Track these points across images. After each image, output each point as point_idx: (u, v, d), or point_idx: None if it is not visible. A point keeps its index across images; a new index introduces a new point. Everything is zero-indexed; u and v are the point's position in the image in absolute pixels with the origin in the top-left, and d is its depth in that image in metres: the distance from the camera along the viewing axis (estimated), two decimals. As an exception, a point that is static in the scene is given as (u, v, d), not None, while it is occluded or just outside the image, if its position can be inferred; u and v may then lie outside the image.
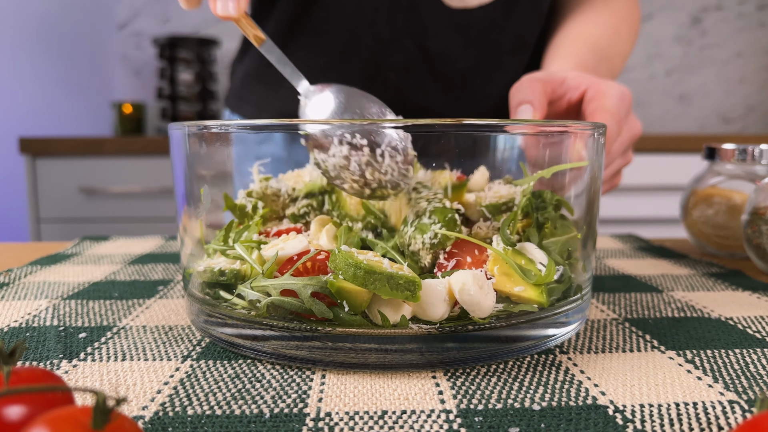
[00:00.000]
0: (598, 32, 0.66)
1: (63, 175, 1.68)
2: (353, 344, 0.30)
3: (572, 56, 0.62)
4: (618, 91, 0.48)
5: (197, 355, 0.33)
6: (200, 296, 0.36)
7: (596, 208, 0.37)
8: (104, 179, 1.69)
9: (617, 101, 0.47)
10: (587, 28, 0.67)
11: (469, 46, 0.70)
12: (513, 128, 0.34)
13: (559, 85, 0.50)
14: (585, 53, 0.63)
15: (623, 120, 0.48)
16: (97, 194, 1.69)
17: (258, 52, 0.77)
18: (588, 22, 0.67)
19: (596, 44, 0.64)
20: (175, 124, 0.36)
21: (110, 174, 1.69)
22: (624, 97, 0.49)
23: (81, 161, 1.68)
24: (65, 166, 1.68)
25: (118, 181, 1.69)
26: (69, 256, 0.60)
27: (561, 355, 0.34)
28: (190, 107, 2.01)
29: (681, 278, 0.52)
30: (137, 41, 2.20)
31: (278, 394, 0.29)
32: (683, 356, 0.34)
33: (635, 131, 0.52)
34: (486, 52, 0.71)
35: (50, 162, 1.68)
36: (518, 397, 0.28)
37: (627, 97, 0.49)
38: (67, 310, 0.42)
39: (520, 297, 0.32)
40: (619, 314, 0.42)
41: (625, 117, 0.50)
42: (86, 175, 1.69)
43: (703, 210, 0.60)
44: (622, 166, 0.54)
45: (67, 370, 0.31)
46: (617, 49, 0.67)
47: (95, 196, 1.70)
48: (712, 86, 2.27)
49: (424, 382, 0.30)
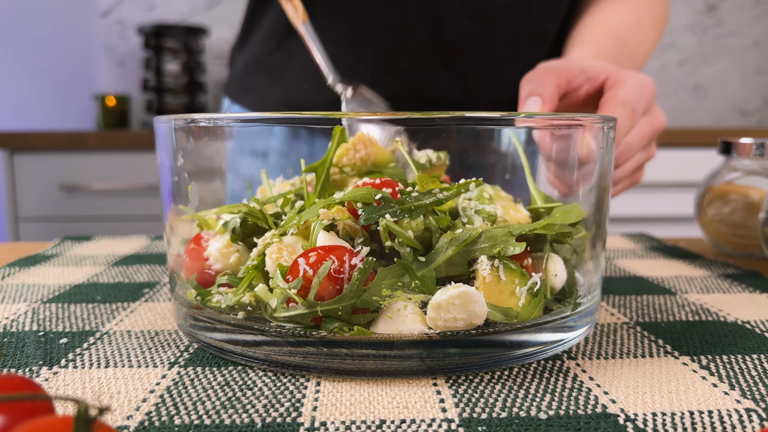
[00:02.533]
0: (620, 20, 0.66)
1: (42, 171, 1.68)
2: (349, 350, 0.30)
3: (592, 43, 0.63)
4: (637, 82, 0.48)
5: (185, 362, 0.33)
6: (187, 299, 0.36)
7: (606, 206, 0.37)
8: (86, 176, 1.69)
9: (633, 92, 0.47)
10: (609, 16, 0.67)
11: (486, 34, 0.70)
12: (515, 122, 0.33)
13: (576, 75, 0.50)
14: (606, 41, 0.63)
15: (638, 112, 0.48)
16: (79, 191, 1.69)
17: (260, 38, 0.76)
18: (610, 10, 0.68)
19: (618, 32, 0.65)
20: (161, 118, 0.36)
21: (93, 170, 1.69)
22: (643, 87, 0.48)
23: (61, 157, 1.68)
24: (45, 161, 1.67)
25: (100, 177, 1.69)
26: (49, 257, 0.60)
27: (569, 361, 0.34)
28: (177, 99, 2.00)
29: (695, 280, 0.52)
30: (121, 30, 2.20)
31: (270, 402, 0.29)
32: (698, 362, 0.34)
33: (658, 124, 0.52)
34: (504, 41, 0.71)
35: (29, 158, 1.67)
36: (524, 405, 0.28)
37: (647, 87, 0.49)
38: (47, 314, 0.42)
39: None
40: (630, 318, 0.42)
41: (646, 109, 0.49)
42: (67, 171, 1.68)
43: (719, 208, 0.60)
44: (643, 161, 0.54)
45: (48, 378, 0.31)
46: (641, 38, 0.67)
47: (77, 194, 1.69)
48: (727, 77, 2.27)
49: (425, 389, 0.30)
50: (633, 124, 0.47)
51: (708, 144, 1.72)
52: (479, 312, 0.30)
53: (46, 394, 0.21)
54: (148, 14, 2.18)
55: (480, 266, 0.32)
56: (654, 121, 0.51)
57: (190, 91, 2.00)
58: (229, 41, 2.11)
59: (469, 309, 0.30)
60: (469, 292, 0.30)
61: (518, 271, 0.32)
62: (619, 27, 0.65)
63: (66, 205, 1.70)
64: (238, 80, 0.81)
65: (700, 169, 1.58)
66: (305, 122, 0.36)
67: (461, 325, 0.30)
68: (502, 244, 0.31)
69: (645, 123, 0.50)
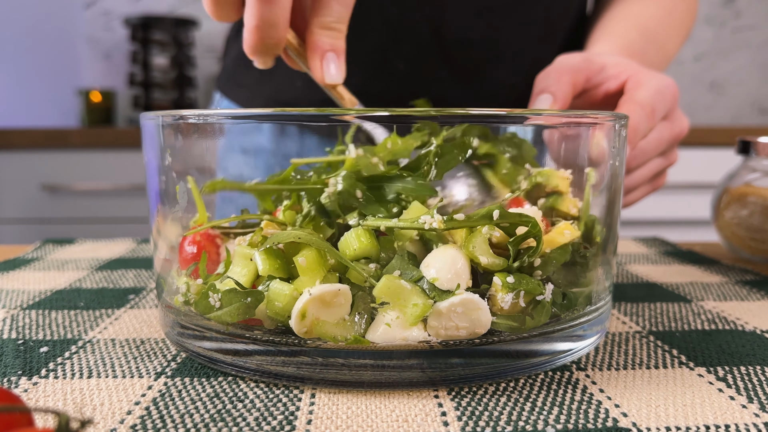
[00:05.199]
0: (649, 13, 0.66)
1: (23, 170, 1.68)
2: (346, 359, 0.30)
3: (618, 37, 0.62)
4: (658, 83, 0.48)
5: (172, 372, 0.33)
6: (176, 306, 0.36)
7: (617, 209, 0.37)
8: (69, 175, 1.69)
9: (653, 93, 0.47)
10: (636, 7, 0.67)
11: (491, 31, 0.70)
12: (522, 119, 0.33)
13: (596, 72, 0.50)
14: (633, 35, 0.63)
15: (657, 114, 0.47)
16: (61, 192, 1.69)
17: None
18: (638, 1, 0.67)
19: (646, 26, 0.64)
20: (148, 114, 0.36)
21: (76, 169, 1.69)
22: (666, 90, 0.48)
23: (43, 155, 1.68)
24: (25, 160, 1.67)
25: (84, 177, 1.69)
26: (29, 261, 0.60)
27: (578, 372, 0.34)
28: (166, 95, 2.01)
29: (712, 286, 0.52)
30: (106, 21, 2.20)
31: (262, 415, 0.29)
32: (714, 373, 0.34)
33: (678, 130, 0.51)
34: (509, 38, 0.71)
35: (8, 156, 1.67)
36: (530, 419, 0.28)
37: (670, 90, 0.49)
38: (26, 322, 0.42)
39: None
40: (642, 326, 0.42)
41: (667, 113, 0.49)
42: (49, 170, 1.68)
43: (737, 210, 0.60)
44: (663, 168, 0.54)
45: (27, 389, 0.31)
46: (670, 33, 0.67)
47: (59, 194, 1.69)
48: (746, 72, 2.28)
49: (426, 402, 0.30)
50: (652, 126, 0.47)
51: (725, 143, 1.72)
52: (483, 320, 0.30)
53: (25, 406, 0.21)
54: (134, 5, 2.19)
55: None
56: (675, 126, 0.51)
57: (179, 86, 2.01)
58: (221, 33, 2.11)
59: (472, 317, 0.30)
60: (472, 300, 0.30)
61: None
62: (647, 20, 0.65)
63: (47, 206, 1.70)
64: (229, 74, 0.81)
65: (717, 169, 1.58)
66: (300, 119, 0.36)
67: (464, 334, 0.30)
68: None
69: (664, 128, 0.50)
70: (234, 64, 0.80)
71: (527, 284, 0.31)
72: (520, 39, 0.71)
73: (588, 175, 0.36)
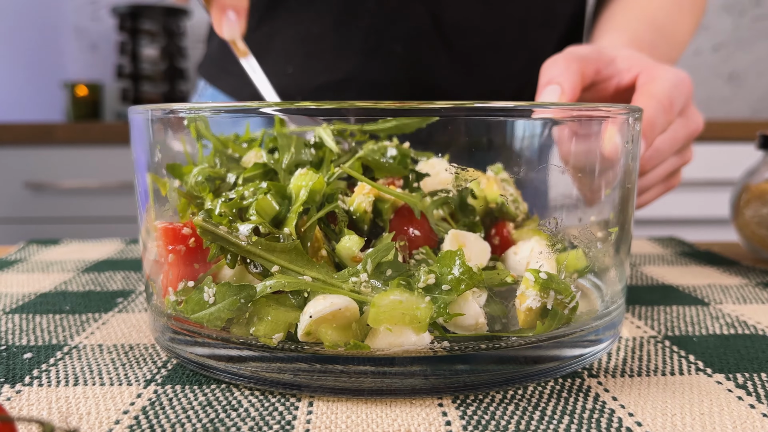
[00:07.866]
0: (657, 3, 0.66)
1: (5, 167, 1.68)
2: (345, 366, 0.30)
3: (626, 30, 0.62)
4: (674, 77, 0.48)
5: (162, 379, 0.33)
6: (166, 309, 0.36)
7: (631, 207, 0.37)
8: (54, 172, 1.69)
9: (669, 87, 0.47)
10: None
11: (491, 15, 0.70)
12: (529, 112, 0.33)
13: (606, 65, 0.50)
14: (641, 27, 0.63)
15: (673, 110, 0.47)
16: (46, 190, 1.69)
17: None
18: None
19: (654, 17, 0.64)
20: (136, 108, 0.36)
21: (61, 166, 1.69)
22: (680, 84, 0.48)
23: (27, 151, 1.68)
24: (8, 156, 1.68)
25: (70, 174, 1.69)
26: (12, 263, 0.60)
27: (590, 379, 0.34)
28: (155, 88, 2.01)
29: (731, 289, 0.52)
30: (93, 10, 2.20)
31: (258, 424, 0.29)
32: (733, 380, 0.34)
33: (693, 127, 0.51)
34: (510, 24, 0.71)
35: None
36: (539, 428, 0.28)
37: (685, 84, 0.49)
38: (9, 326, 0.42)
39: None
40: (658, 331, 0.42)
41: (681, 108, 0.49)
42: (33, 167, 1.68)
43: (758, 209, 0.60)
44: (678, 166, 0.54)
45: (10, 397, 0.31)
46: (679, 23, 0.67)
47: (43, 192, 1.70)
48: (767, 64, 2.27)
49: (429, 410, 0.30)
50: (669, 121, 0.47)
51: (745, 138, 1.71)
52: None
53: (8, 415, 0.21)
54: (123, -7, 2.19)
55: None
56: (689, 123, 0.51)
57: (169, 78, 2.01)
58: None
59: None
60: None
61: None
62: (655, 10, 0.65)
63: (31, 204, 1.70)
64: (215, 59, 0.80)
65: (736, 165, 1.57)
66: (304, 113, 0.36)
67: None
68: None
69: (679, 125, 0.50)
70: (220, 49, 0.79)
71: (557, 285, 0.31)
72: (521, 22, 0.71)
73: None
